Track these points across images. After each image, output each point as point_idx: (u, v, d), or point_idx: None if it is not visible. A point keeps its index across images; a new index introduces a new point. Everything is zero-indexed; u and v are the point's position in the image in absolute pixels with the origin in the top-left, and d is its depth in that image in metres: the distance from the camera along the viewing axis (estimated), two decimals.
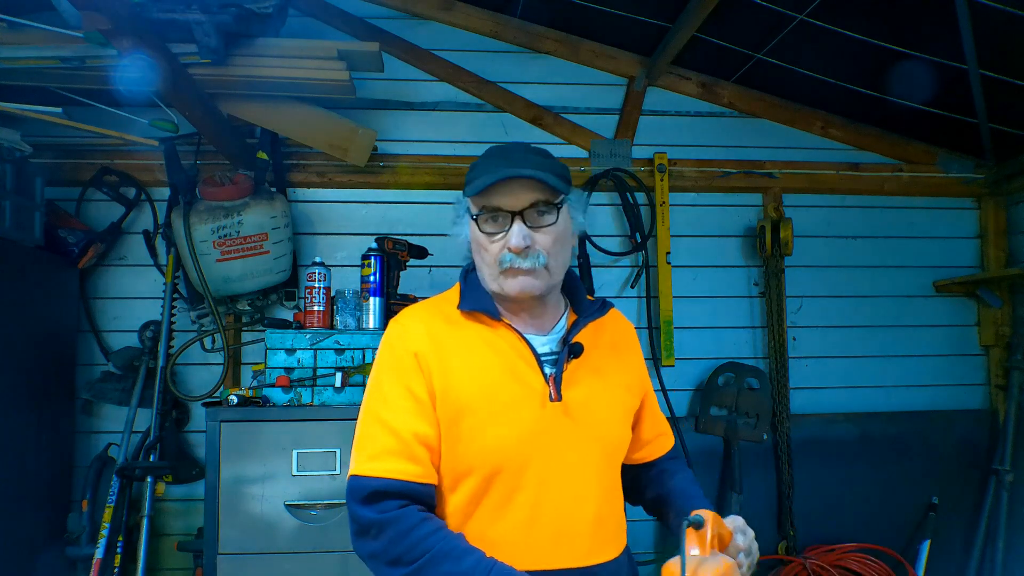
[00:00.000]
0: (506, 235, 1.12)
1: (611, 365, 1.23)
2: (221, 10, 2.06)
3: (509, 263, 1.12)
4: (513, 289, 1.13)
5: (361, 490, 1.06)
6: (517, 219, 1.11)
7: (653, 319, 2.80)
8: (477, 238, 1.16)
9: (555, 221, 1.13)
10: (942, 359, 2.95)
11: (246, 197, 2.37)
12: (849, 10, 2.25)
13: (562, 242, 1.16)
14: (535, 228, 1.12)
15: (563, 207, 1.16)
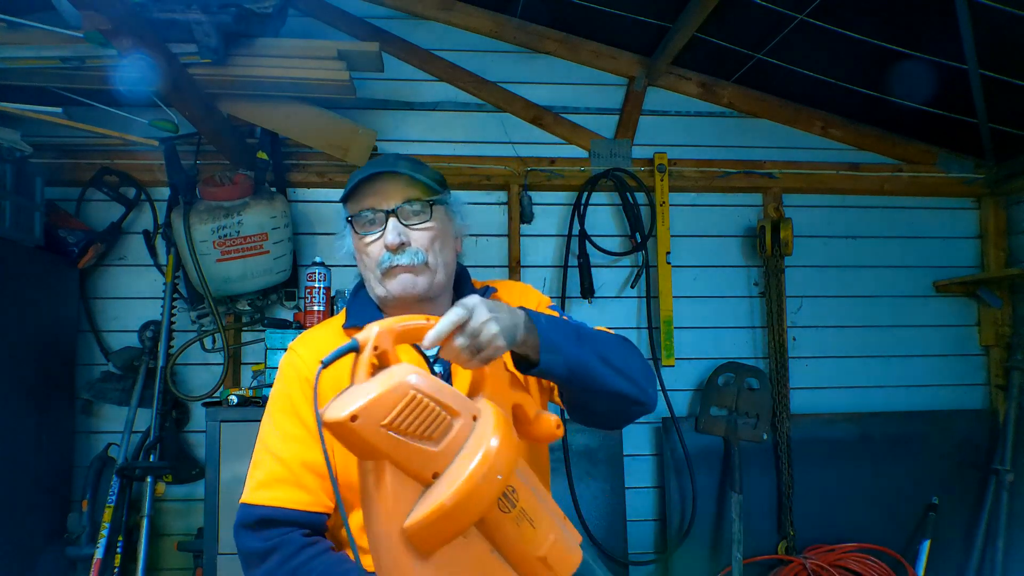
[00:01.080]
0: (382, 235, 1.13)
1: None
2: (221, 10, 2.06)
3: (388, 262, 1.13)
4: (396, 289, 1.14)
5: (248, 518, 1.07)
6: (391, 217, 1.13)
7: (653, 319, 2.80)
8: (356, 244, 1.18)
9: (429, 218, 1.15)
10: (942, 359, 2.95)
11: (246, 197, 2.37)
12: (849, 10, 2.25)
13: (442, 240, 1.17)
14: (410, 227, 1.14)
15: (439, 207, 1.18)
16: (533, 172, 2.80)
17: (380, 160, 1.20)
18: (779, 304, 2.81)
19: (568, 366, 0.99)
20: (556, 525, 0.89)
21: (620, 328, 2.82)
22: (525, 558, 0.85)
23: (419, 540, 0.78)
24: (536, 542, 0.85)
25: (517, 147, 2.83)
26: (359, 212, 1.15)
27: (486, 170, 2.79)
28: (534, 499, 0.86)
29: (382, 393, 0.76)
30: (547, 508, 0.89)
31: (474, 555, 0.82)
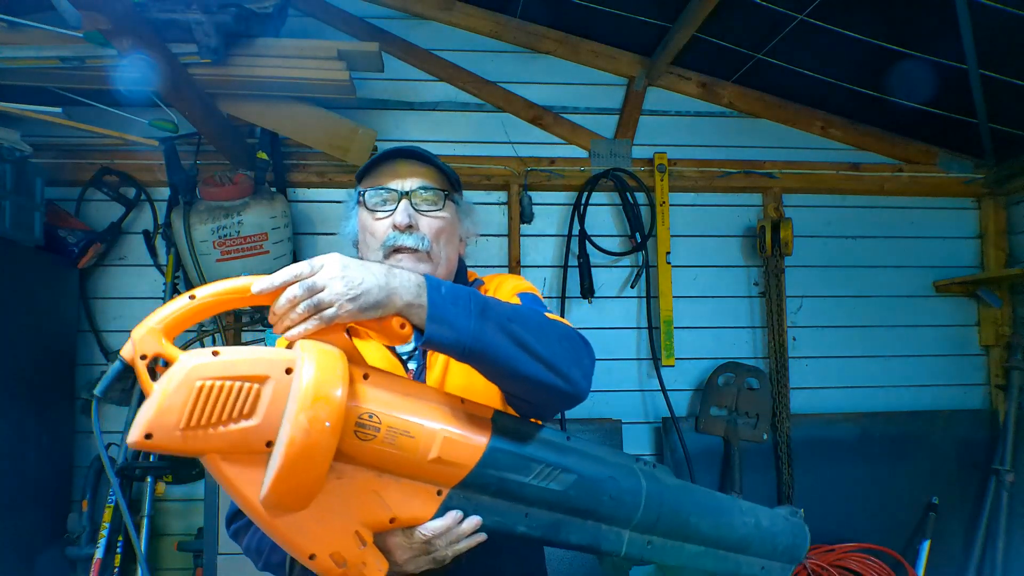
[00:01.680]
0: (392, 214, 1.12)
1: None
2: (221, 10, 2.06)
3: (393, 241, 1.11)
4: None
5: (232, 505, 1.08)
6: (404, 198, 1.13)
7: (653, 319, 2.80)
8: (364, 221, 1.16)
9: (441, 208, 1.15)
10: (942, 359, 2.95)
11: (246, 197, 2.37)
12: (849, 10, 2.25)
13: (448, 235, 1.17)
14: (421, 212, 1.14)
15: (451, 202, 1.18)
16: (533, 172, 2.80)
17: (403, 145, 1.20)
18: (779, 304, 2.81)
19: (461, 341, 0.85)
20: (442, 422, 0.86)
21: (620, 328, 2.83)
22: (417, 467, 0.84)
23: (281, 506, 0.77)
24: (421, 449, 0.83)
25: (517, 147, 2.83)
26: (373, 188, 1.15)
27: (486, 170, 2.79)
28: (402, 411, 0.83)
29: (164, 398, 0.71)
30: (426, 410, 0.86)
31: (358, 487, 0.82)
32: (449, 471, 0.86)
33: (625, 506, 1.00)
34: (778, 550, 1.17)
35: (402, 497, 0.85)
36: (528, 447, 0.94)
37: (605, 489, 0.98)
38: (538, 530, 0.94)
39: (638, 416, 2.81)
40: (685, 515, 1.06)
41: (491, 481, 0.89)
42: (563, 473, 0.95)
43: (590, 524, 0.98)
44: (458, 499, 0.88)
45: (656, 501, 1.03)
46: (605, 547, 0.99)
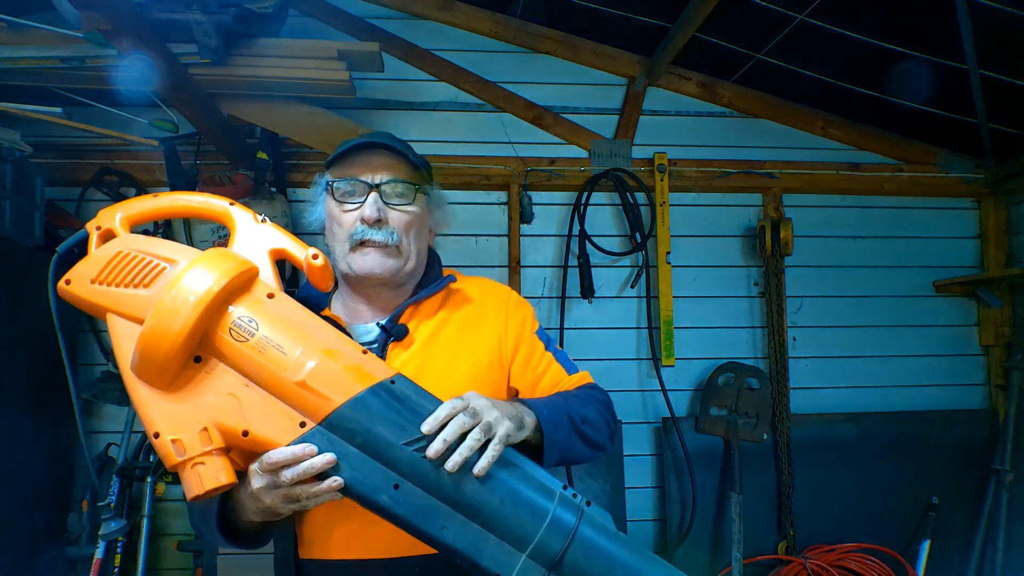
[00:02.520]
0: (360, 207, 1.11)
1: (457, 343, 1.16)
2: (221, 10, 2.06)
3: (360, 235, 1.10)
4: (362, 268, 1.11)
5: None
6: (373, 191, 1.11)
7: (653, 319, 2.80)
8: (331, 210, 1.15)
9: (411, 202, 1.14)
10: (942, 359, 2.95)
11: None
12: (849, 10, 2.25)
13: (418, 229, 1.16)
14: (391, 205, 1.12)
15: (421, 195, 1.16)
16: (533, 172, 2.80)
17: (375, 133, 1.18)
18: (779, 304, 2.81)
19: (560, 459, 1.04)
20: (324, 354, 0.86)
21: (620, 328, 2.83)
22: (284, 386, 0.84)
23: (144, 374, 0.82)
24: (290, 367, 0.83)
25: (517, 147, 2.83)
26: (342, 179, 1.13)
27: (486, 170, 2.79)
28: (287, 330, 0.86)
29: (93, 256, 0.89)
30: (315, 340, 0.87)
31: (223, 386, 0.84)
32: (315, 402, 0.84)
33: (520, 518, 0.85)
34: None
35: (262, 413, 0.84)
36: (412, 412, 0.87)
37: (497, 488, 0.85)
38: (405, 508, 0.84)
39: (638, 416, 2.82)
40: (608, 565, 0.86)
41: (359, 429, 0.84)
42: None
43: (474, 528, 0.85)
44: (320, 438, 0.84)
45: (566, 530, 0.85)
46: (487, 563, 0.84)
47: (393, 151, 1.13)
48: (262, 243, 0.95)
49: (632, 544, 0.90)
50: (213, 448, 0.81)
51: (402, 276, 1.15)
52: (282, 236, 0.97)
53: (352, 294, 1.19)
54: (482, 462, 0.85)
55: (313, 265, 0.94)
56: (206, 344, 0.84)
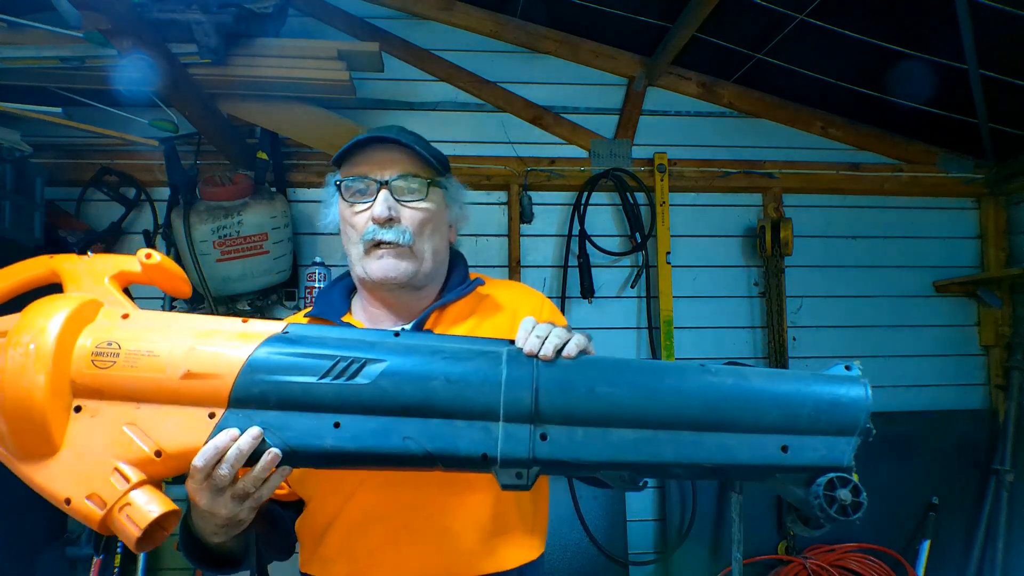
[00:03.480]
0: (371, 206, 1.05)
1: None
2: (221, 10, 2.06)
3: (372, 235, 1.04)
4: (376, 273, 1.05)
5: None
6: (384, 188, 1.04)
7: (653, 319, 2.80)
8: (343, 212, 1.09)
9: (424, 198, 1.06)
10: (942, 359, 2.95)
11: (246, 197, 2.37)
12: (849, 10, 2.25)
13: (434, 226, 1.09)
14: (403, 203, 1.05)
15: (437, 189, 1.09)
16: (533, 172, 2.80)
17: (384, 127, 1.10)
18: (779, 304, 2.81)
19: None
20: (197, 337, 0.80)
21: (620, 328, 2.83)
22: (173, 389, 0.77)
23: (24, 450, 0.75)
24: (169, 367, 0.77)
25: (517, 147, 2.83)
26: (351, 178, 1.07)
27: (486, 170, 2.79)
28: (149, 335, 0.79)
29: None
30: (180, 330, 0.81)
31: (113, 420, 0.77)
32: (211, 386, 0.77)
33: (474, 389, 0.79)
34: (803, 418, 0.79)
35: (167, 426, 0.77)
36: (314, 343, 0.81)
37: (434, 372, 0.79)
38: (356, 440, 0.77)
39: None
40: (586, 385, 0.80)
41: (268, 388, 0.78)
42: (368, 364, 0.79)
43: (434, 423, 0.78)
44: (235, 419, 0.77)
45: (526, 374, 0.80)
46: (466, 449, 0.77)
47: (402, 145, 1.06)
48: (98, 275, 0.87)
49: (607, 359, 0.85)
50: (133, 484, 0.74)
51: (419, 278, 1.08)
52: (112, 259, 0.90)
53: (370, 299, 1.12)
54: (570, 346, 0.82)
55: (150, 264, 0.87)
56: (78, 389, 0.77)
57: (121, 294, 0.86)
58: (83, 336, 0.78)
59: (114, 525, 0.73)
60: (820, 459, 0.79)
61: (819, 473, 0.79)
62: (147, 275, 0.88)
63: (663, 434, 0.79)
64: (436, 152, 1.10)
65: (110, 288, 0.86)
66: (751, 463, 0.79)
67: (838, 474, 0.78)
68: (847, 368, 0.84)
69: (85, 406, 0.77)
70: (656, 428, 0.79)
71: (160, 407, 0.77)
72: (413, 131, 1.11)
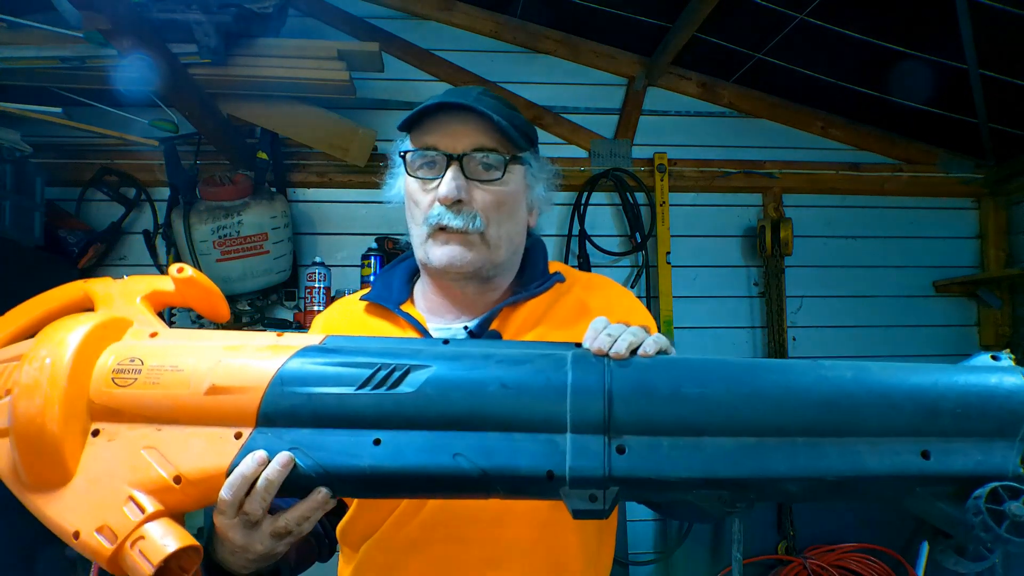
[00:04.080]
0: (439, 183, 0.90)
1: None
2: (221, 10, 2.06)
3: (437, 219, 0.90)
4: (440, 260, 0.91)
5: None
6: (454, 164, 0.90)
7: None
8: (408, 187, 0.95)
9: (501, 177, 0.91)
10: (942, 359, 2.94)
11: (246, 197, 2.37)
12: (849, 10, 2.25)
13: (510, 209, 0.94)
14: (475, 181, 0.91)
15: (518, 166, 0.95)
16: None
17: (460, 91, 0.95)
18: (779, 304, 2.81)
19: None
20: (226, 350, 0.73)
21: None
22: (197, 406, 0.70)
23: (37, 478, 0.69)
24: (193, 381, 0.69)
25: None
26: (418, 149, 0.92)
27: None
28: (175, 350, 0.73)
29: None
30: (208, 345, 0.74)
31: (133, 445, 0.69)
32: (238, 402, 0.69)
33: (533, 395, 0.67)
34: (946, 415, 0.66)
35: (188, 449, 0.69)
36: (352, 351, 0.72)
37: (487, 377, 0.68)
38: (399, 457, 0.66)
39: None
40: (671, 386, 0.66)
41: (299, 403, 0.68)
42: (414, 372, 0.69)
43: (491, 437, 0.66)
44: (264, 440, 0.68)
45: (596, 376, 0.67)
46: (528, 466, 0.64)
47: (478, 113, 0.89)
48: (130, 296, 0.82)
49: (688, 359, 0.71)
50: (148, 515, 0.66)
51: (489, 269, 0.94)
52: (145, 279, 0.85)
53: (433, 286, 0.99)
54: (648, 343, 0.71)
55: (182, 279, 0.82)
56: (97, 410, 0.70)
57: (153, 314, 0.80)
58: (106, 354, 0.72)
59: (125, 562, 0.65)
60: (975, 466, 0.63)
61: (975, 485, 0.62)
62: (181, 293, 0.84)
63: (770, 441, 0.64)
64: (521, 121, 0.95)
65: (142, 308, 0.80)
66: (885, 473, 0.63)
67: (1003, 483, 0.61)
68: (994, 358, 0.72)
69: (103, 429, 0.70)
70: (761, 435, 0.64)
71: (183, 428, 0.70)
72: (496, 95, 0.96)
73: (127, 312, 0.79)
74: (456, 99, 0.90)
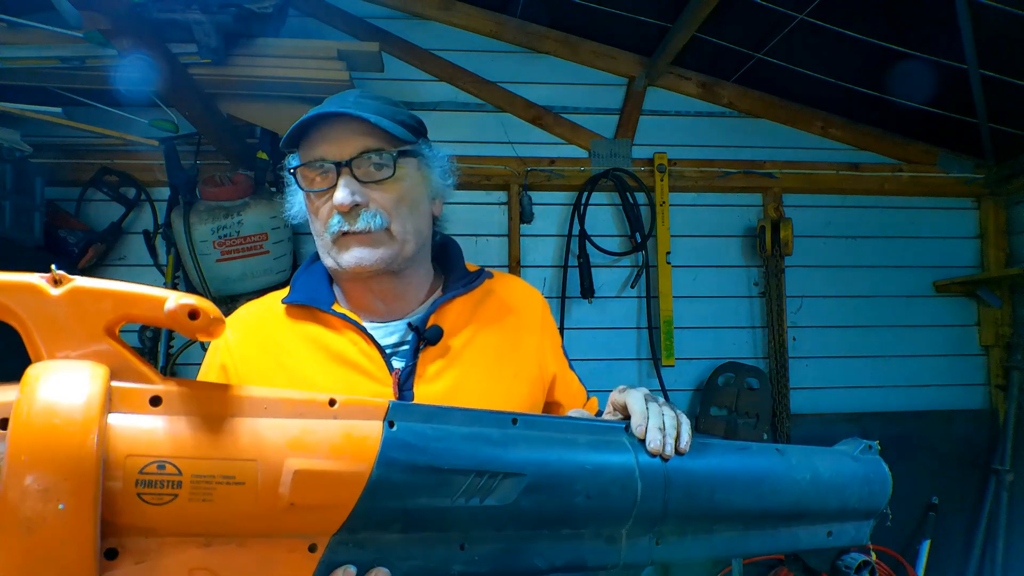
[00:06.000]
0: (333, 192, 0.90)
1: (497, 354, 0.99)
2: (221, 10, 2.06)
3: (338, 226, 0.90)
4: (348, 263, 0.91)
5: None
6: (344, 171, 0.89)
7: (653, 319, 2.80)
8: (306, 201, 0.96)
9: (393, 174, 0.91)
10: (942, 359, 2.95)
11: (246, 197, 2.37)
12: (849, 10, 2.25)
13: (411, 203, 0.94)
14: (369, 183, 0.90)
15: (409, 159, 0.94)
16: (533, 172, 2.80)
17: (338, 97, 0.95)
18: (779, 304, 2.81)
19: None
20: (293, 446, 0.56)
21: (620, 328, 2.83)
22: (259, 520, 0.54)
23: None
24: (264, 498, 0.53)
25: (517, 147, 2.83)
26: (307, 163, 0.92)
27: (486, 170, 2.79)
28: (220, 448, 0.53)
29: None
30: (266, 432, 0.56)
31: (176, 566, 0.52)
32: (319, 518, 0.57)
33: (611, 500, 0.70)
34: (848, 505, 0.88)
35: (252, 567, 0.55)
36: (444, 453, 0.64)
37: (576, 487, 0.69)
38: (485, 562, 0.64)
39: None
40: (708, 492, 0.77)
41: (392, 516, 0.60)
42: (507, 479, 0.65)
43: (565, 535, 0.69)
44: (346, 551, 0.58)
45: (659, 483, 0.73)
46: (593, 562, 0.70)
47: (357, 116, 0.89)
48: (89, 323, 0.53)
49: (716, 448, 0.81)
50: None
51: (400, 262, 0.95)
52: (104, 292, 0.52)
53: (350, 289, 1.00)
54: (684, 438, 0.77)
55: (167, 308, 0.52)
56: (114, 528, 0.49)
57: (130, 353, 0.54)
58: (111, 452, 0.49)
59: None
60: (850, 540, 0.90)
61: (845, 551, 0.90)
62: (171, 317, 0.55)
63: (754, 532, 0.82)
64: (404, 115, 0.95)
65: (111, 344, 0.53)
66: (807, 548, 0.87)
67: (863, 557, 0.89)
68: (869, 447, 0.95)
69: (125, 548, 0.51)
70: (749, 527, 0.82)
71: (242, 540, 0.55)
72: (375, 95, 0.97)
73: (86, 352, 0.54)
74: (333, 108, 0.90)
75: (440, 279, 1.06)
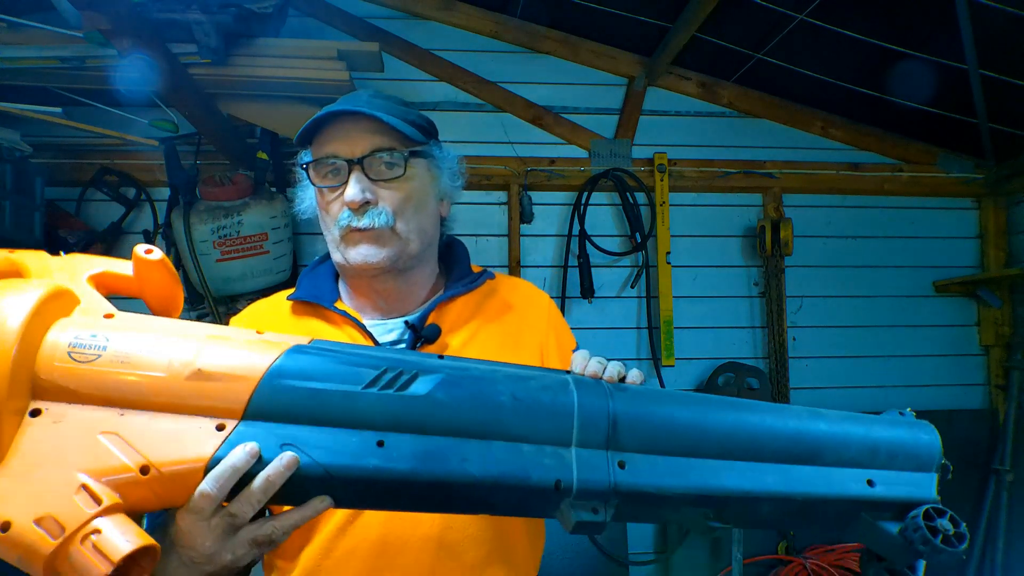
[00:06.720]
0: (343, 189, 0.94)
1: (495, 347, 1.00)
2: (221, 10, 2.06)
3: (347, 222, 0.94)
4: (355, 259, 0.95)
5: None
6: (355, 168, 0.93)
7: (653, 319, 2.80)
8: (316, 197, 1.00)
9: (403, 173, 0.94)
10: (942, 359, 2.95)
11: (246, 197, 2.37)
12: (849, 10, 2.25)
13: (417, 202, 0.97)
14: (378, 181, 0.94)
15: (418, 160, 0.97)
16: (533, 172, 2.80)
17: (351, 96, 0.98)
18: (779, 304, 2.81)
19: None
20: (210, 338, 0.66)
21: (620, 328, 2.83)
22: (169, 388, 0.61)
23: None
24: (172, 364, 0.62)
25: (517, 147, 2.83)
26: (317, 159, 0.96)
27: (486, 170, 2.79)
28: (146, 331, 0.64)
29: None
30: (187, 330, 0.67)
31: (87, 429, 0.59)
32: (224, 391, 0.62)
33: (544, 408, 0.68)
34: (882, 453, 0.81)
35: (159, 438, 0.60)
36: (355, 354, 0.68)
37: (499, 387, 0.68)
38: (406, 459, 0.63)
39: None
40: (667, 413, 0.72)
41: (298, 397, 0.63)
42: (422, 376, 0.66)
43: (499, 446, 0.66)
44: (253, 433, 0.62)
45: (600, 392, 0.71)
46: (538, 476, 0.65)
47: (370, 115, 0.93)
48: (75, 273, 0.71)
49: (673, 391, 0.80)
50: (105, 507, 0.56)
51: (404, 261, 0.97)
52: (94, 258, 0.75)
53: (356, 286, 1.03)
54: (634, 373, 0.77)
55: (148, 261, 0.72)
56: (42, 389, 0.60)
57: (102, 297, 0.70)
58: (57, 328, 0.62)
59: (70, 560, 0.54)
60: (908, 494, 0.81)
61: (908, 509, 0.79)
62: (139, 279, 0.73)
63: (748, 465, 0.72)
64: (415, 116, 0.99)
65: (89, 288, 0.70)
66: (841, 495, 0.74)
67: (932, 505, 0.80)
68: (900, 413, 0.91)
69: (46, 410, 0.60)
70: (740, 459, 0.72)
71: (152, 415, 0.61)
72: (388, 95, 1.00)
73: (73, 289, 0.68)
74: (347, 106, 0.93)
75: (444, 279, 1.08)
